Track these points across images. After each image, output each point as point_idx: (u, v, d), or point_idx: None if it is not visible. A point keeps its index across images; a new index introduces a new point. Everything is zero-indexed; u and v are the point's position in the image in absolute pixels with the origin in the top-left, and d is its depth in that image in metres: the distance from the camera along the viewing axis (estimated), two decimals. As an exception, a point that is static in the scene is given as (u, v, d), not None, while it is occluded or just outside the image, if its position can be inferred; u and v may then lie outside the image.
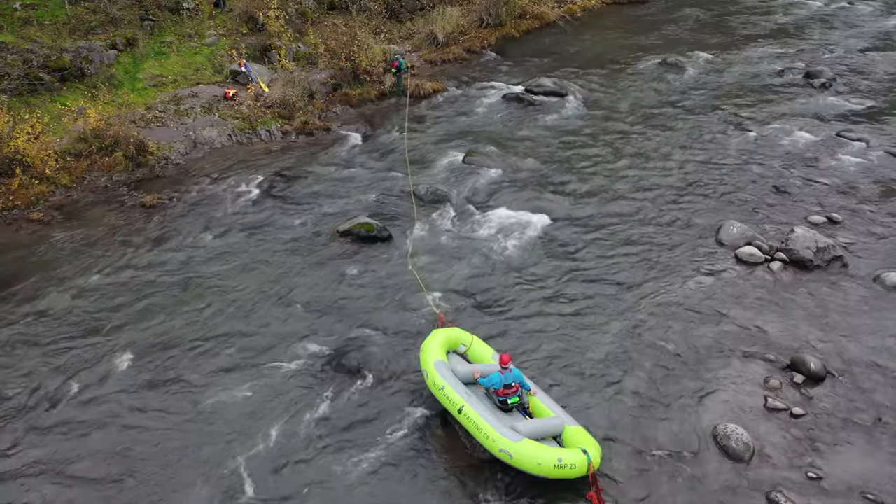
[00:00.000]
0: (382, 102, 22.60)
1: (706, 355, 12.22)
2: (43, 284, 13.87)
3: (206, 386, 11.54)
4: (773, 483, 9.88)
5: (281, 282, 14.03)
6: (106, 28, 22.39)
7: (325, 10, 26.93)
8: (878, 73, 24.77)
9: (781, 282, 14.11)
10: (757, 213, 16.40)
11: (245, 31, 24.53)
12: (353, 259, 14.79)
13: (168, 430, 10.74)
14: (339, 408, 11.13)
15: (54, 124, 18.53)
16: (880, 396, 11.34)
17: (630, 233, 15.69)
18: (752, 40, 28.11)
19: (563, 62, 25.67)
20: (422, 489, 9.84)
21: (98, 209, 16.51)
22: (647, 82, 24.01)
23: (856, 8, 31.75)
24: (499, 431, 9.69)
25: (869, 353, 12.23)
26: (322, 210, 16.54)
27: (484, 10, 28.14)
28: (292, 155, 19.18)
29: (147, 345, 12.39)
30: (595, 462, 9.56)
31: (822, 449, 10.44)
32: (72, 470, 10.09)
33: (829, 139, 19.85)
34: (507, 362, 10.45)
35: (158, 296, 13.61)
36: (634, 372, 11.83)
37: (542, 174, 18.14)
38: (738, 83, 23.99)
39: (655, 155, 19.12)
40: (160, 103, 20.55)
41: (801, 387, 11.52)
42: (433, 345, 11.24)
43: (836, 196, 17.04)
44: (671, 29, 29.54)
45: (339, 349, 12.22)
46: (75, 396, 11.31)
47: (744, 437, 10.40)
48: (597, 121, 21.24)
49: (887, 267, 14.39)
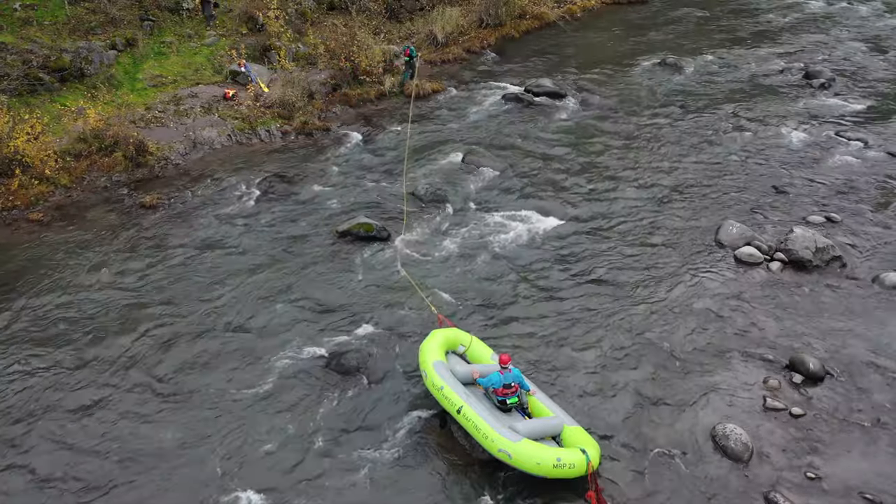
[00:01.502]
0: (382, 103, 22.58)
1: (705, 355, 12.24)
2: (42, 284, 13.88)
3: (205, 386, 11.55)
4: (772, 483, 9.89)
5: (280, 282, 14.04)
6: (106, 28, 22.37)
7: (324, 11, 26.90)
8: (878, 73, 24.79)
9: (780, 282, 14.12)
10: (756, 213, 16.41)
11: (245, 31, 24.52)
12: (353, 259, 14.80)
13: (167, 430, 10.75)
14: (338, 408, 11.15)
15: (54, 124, 18.50)
16: (879, 396, 11.36)
17: (629, 233, 15.70)
18: (751, 40, 28.11)
19: (563, 62, 25.67)
20: (421, 489, 9.85)
21: (98, 209, 16.52)
22: (646, 82, 24.01)
23: (856, 8, 31.75)
24: (498, 431, 9.70)
25: (868, 353, 12.24)
26: (321, 210, 16.55)
27: (483, 10, 28.11)
28: (292, 155, 19.19)
29: (145, 345, 12.39)
30: (594, 462, 9.57)
31: (820, 449, 10.45)
32: (69, 471, 10.09)
33: (828, 139, 19.87)
34: (507, 362, 10.46)
35: (157, 296, 13.61)
36: (633, 372, 11.85)
37: (541, 174, 18.15)
38: (737, 83, 23.99)
39: (654, 155, 19.13)
40: (160, 103, 20.54)
41: (800, 387, 11.54)
42: (432, 345, 11.24)
43: (836, 196, 17.05)
44: (671, 29, 29.54)
45: (339, 349, 12.23)
46: (72, 398, 11.31)
47: (743, 437, 10.41)
48: (596, 121, 21.24)
49: (886, 267, 14.41)
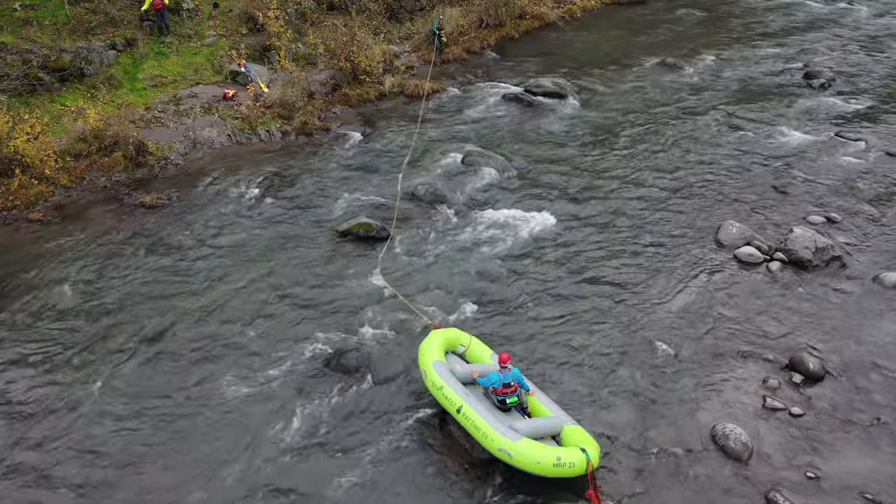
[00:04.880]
0: (382, 103, 22.59)
1: (705, 355, 12.25)
2: (42, 284, 13.87)
3: (205, 386, 11.56)
4: (772, 482, 9.90)
5: (280, 281, 14.04)
6: (106, 28, 22.38)
7: (324, 11, 26.88)
8: (878, 73, 24.78)
9: (780, 282, 14.13)
10: (756, 214, 16.41)
11: (245, 31, 24.51)
12: (352, 259, 14.80)
13: (166, 430, 10.76)
14: (338, 408, 11.15)
15: (54, 124, 18.50)
16: (879, 396, 11.37)
17: (629, 233, 15.71)
18: (751, 41, 28.10)
19: (563, 62, 25.66)
20: (420, 489, 9.86)
21: (97, 209, 16.52)
22: (646, 83, 24.01)
23: (855, 8, 31.74)
24: (498, 431, 9.71)
25: (867, 352, 12.25)
26: (321, 210, 16.55)
27: (484, 10, 28.09)
28: (292, 155, 19.18)
29: (145, 345, 12.39)
30: (594, 461, 9.59)
31: (820, 448, 10.46)
32: (67, 473, 10.10)
33: (828, 139, 19.87)
34: (507, 361, 10.46)
35: (157, 296, 13.61)
36: (633, 371, 11.86)
37: (541, 174, 18.15)
38: (737, 83, 23.99)
39: (654, 155, 19.13)
40: (160, 103, 20.54)
41: (799, 386, 11.55)
42: (431, 345, 11.25)
43: (835, 196, 17.06)
44: (670, 29, 29.53)
45: (338, 349, 12.23)
46: (73, 397, 11.32)
47: (742, 437, 10.42)
48: (596, 121, 21.24)
49: (886, 267, 14.42)
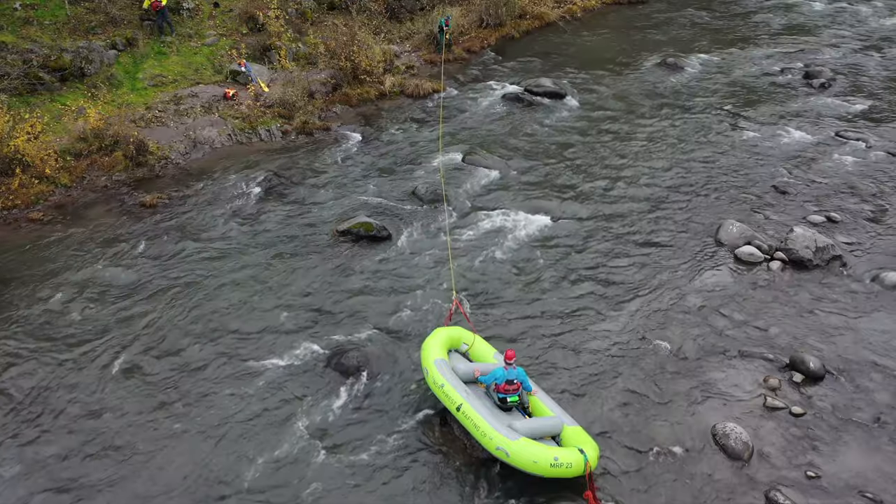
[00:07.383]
0: (382, 102, 22.58)
1: (705, 354, 12.25)
2: (42, 284, 13.86)
3: (205, 386, 11.56)
4: (773, 482, 9.90)
5: (280, 281, 14.04)
6: (106, 28, 22.38)
7: (325, 10, 26.85)
8: (878, 73, 24.78)
9: (781, 281, 14.13)
10: (756, 213, 16.41)
11: (245, 31, 24.49)
12: (353, 258, 14.80)
13: (166, 430, 10.76)
14: (339, 406, 11.15)
15: (54, 124, 18.49)
16: (879, 395, 11.37)
17: (629, 233, 15.70)
18: (751, 40, 28.09)
19: (563, 62, 25.66)
20: (419, 487, 9.86)
21: (98, 209, 16.51)
22: (646, 82, 24.00)
23: (856, 8, 31.73)
24: (496, 429, 9.71)
25: (868, 352, 12.25)
26: (321, 209, 16.55)
27: (484, 10, 28.07)
28: (292, 155, 19.18)
29: (145, 345, 12.39)
30: (592, 462, 9.56)
31: (821, 448, 10.46)
32: (67, 472, 10.10)
33: (828, 139, 19.87)
34: (512, 358, 10.48)
35: (157, 296, 13.61)
36: (634, 371, 11.86)
37: (541, 174, 18.15)
38: (737, 83, 23.98)
39: (654, 155, 19.13)
40: (160, 103, 20.52)
41: (800, 386, 11.55)
42: (434, 343, 11.25)
43: (836, 196, 17.06)
44: (671, 29, 29.52)
45: (339, 348, 12.24)
46: (73, 397, 11.31)
47: (743, 436, 10.41)
48: (596, 121, 21.24)
49: (886, 266, 14.42)
